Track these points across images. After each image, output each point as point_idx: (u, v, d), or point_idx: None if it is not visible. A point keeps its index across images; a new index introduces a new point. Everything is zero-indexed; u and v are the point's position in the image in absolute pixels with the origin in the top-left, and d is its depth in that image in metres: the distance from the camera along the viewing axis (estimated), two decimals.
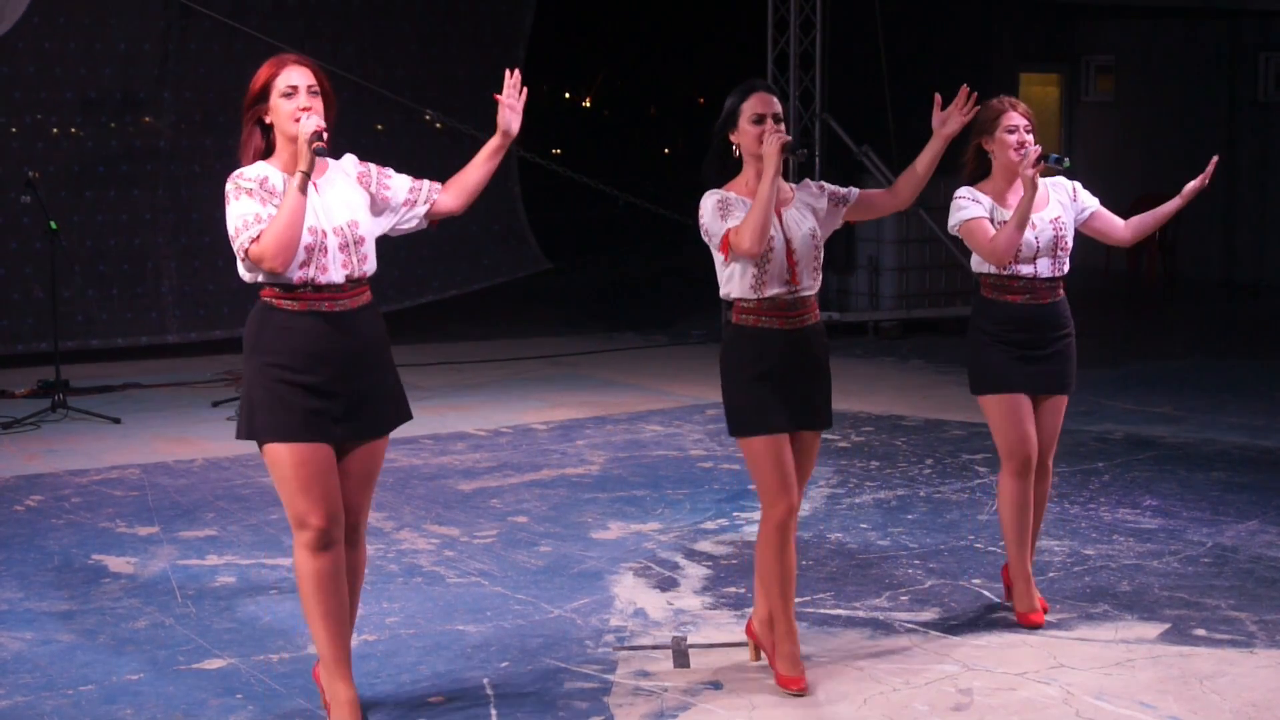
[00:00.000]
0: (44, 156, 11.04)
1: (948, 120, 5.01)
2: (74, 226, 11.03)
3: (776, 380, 4.87)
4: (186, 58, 11.49)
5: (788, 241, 4.88)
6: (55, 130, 11.18)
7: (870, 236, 12.82)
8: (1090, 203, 5.56)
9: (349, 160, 4.63)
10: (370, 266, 4.51)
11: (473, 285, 13.00)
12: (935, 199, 12.16)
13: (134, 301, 11.46)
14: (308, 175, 4.35)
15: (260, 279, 4.41)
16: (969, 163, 5.54)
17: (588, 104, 34.03)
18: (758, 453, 4.86)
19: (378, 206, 4.60)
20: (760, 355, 4.87)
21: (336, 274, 4.42)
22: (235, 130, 4.62)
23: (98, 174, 11.32)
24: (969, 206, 5.42)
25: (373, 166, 4.66)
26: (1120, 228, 5.58)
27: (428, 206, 4.67)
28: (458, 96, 12.58)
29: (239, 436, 4.51)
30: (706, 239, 4.90)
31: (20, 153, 10.90)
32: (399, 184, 4.66)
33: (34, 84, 11.02)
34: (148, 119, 11.48)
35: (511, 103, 4.72)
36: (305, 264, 4.38)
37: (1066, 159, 5.45)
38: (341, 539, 4.49)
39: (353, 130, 11.92)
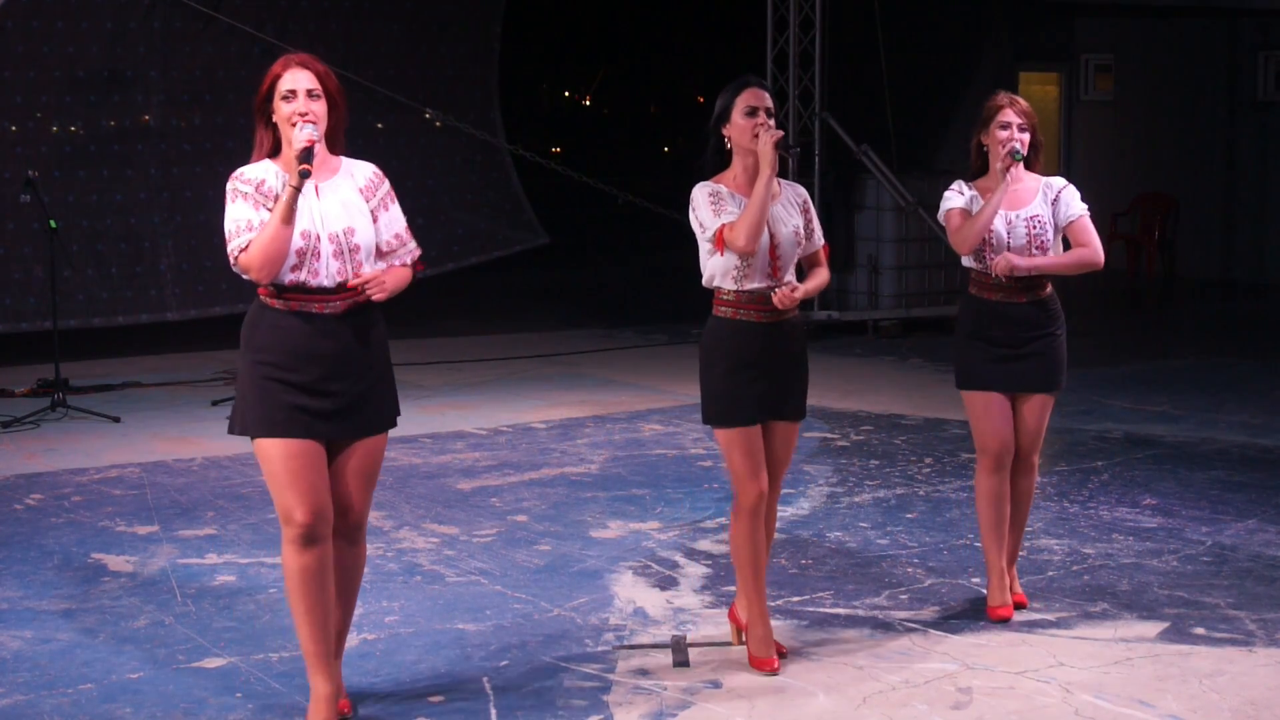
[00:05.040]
0: (35, 136, 11.09)
1: None
2: (70, 206, 11.09)
3: (753, 372, 5.00)
4: (172, 35, 11.53)
5: (772, 236, 4.99)
6: (46, 109, 11.22)
7: (870, 236, 12.82)
8: (1075, 210, 5.49)
9: (364, 168, 4.60)
10: (368, 270, 4.49)
11: (470, 259, 12.90)
12: (933, 197, 12.18)
13: (133, 280, 11.50)
14: (298, 190, 4.37)
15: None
16: (973, 158, 5.57)
17: (587, 103, 34.03)
18: (731, 442, 5.02)
19: (373, 210, 4.57)
20: (738, 347, 5.00)
21: (328, 279, 4.43)
22: (222, 107, 4.68)
23: (90, 153, 11.36)
24: (952, 197, 5.54)
25: (385, 185, 4.61)
26: (1085, 247, 5.53)
27: (398, 264, 4.60)
28: (440, 83, 12.61)
29: (231, 431, 4.57)
30: (699, 230, 5.00)
31: (12, 132, 10.95)
32: (391, 221, 4.59)
33: (22, 63, 11.05)
34: (136, 97, 11.51)
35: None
36: (296, 267, 4.40)
37: (1017, 149, 5.38)
38: (328, 535, 4.50)
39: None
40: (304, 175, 4.37)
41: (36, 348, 10.56)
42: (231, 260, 4.41)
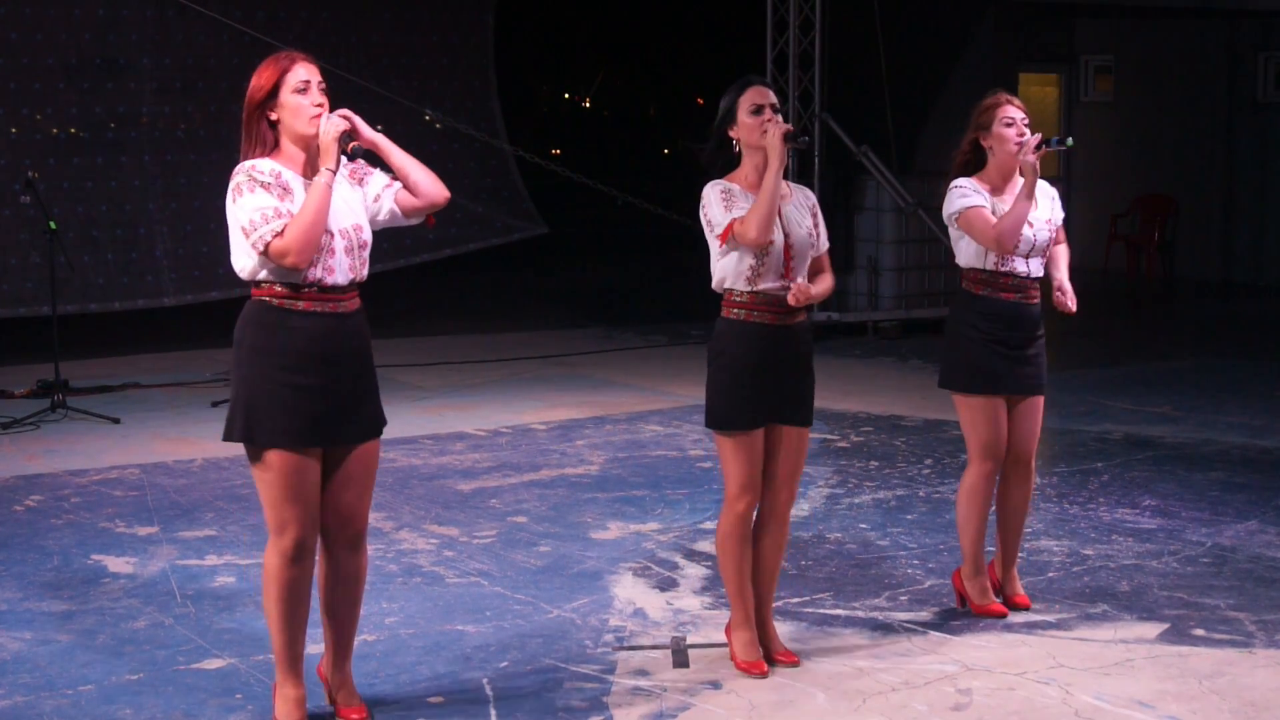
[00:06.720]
0: (29, 123, 11.12)
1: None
2: (65, 194, 11.14)
3: (762, 375, 4.96)
4: (165, 23, 11.56)
5: (786, 236, 4.96)
6: (39, 96, 11.25)
7: (869, 237, 12.82)
8: (1060, 216, 5.60)
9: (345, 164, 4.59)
10: (367, 271, 4.52)
11: (469, 245, 12.86)
12: (933, 198, 12.18)
13: (129, 266, 11.54)
14: (334, 173, 4.34)
15: (263, 276, 4.36)
16: (962, 155, 5.55)
17: (587, 104, 34.04)
18: (733, 447, 4.97)
19: (364, 192, 4.55)
20: (749, 350, 4.95)
21: (342, 276, 4.41)
22: (215, 94, 4.59)
23: (84, 141, 11.41)
24: (971, 195, 5.44)
25: (363, 162, 4.60)
26: (1065, 244, 5.67)
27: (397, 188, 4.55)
28: (436, 72, 12.63)
29: (233, 438, 4.45)
30: (708, 228, 4.97)
31: (4, 119, 10.97)
32: (377, 180, 4.59)
33: (15, 50, 11.09)
34: (129, 85, 11.54)
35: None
36: (313, 264, 4.36)
37: (1069, 139, 5.49)
38: (316, 546, 4.48)
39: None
40: (354, 154, 4.36)
41: (36, 348, 10.57)
42: (259, 247, 4.28)
